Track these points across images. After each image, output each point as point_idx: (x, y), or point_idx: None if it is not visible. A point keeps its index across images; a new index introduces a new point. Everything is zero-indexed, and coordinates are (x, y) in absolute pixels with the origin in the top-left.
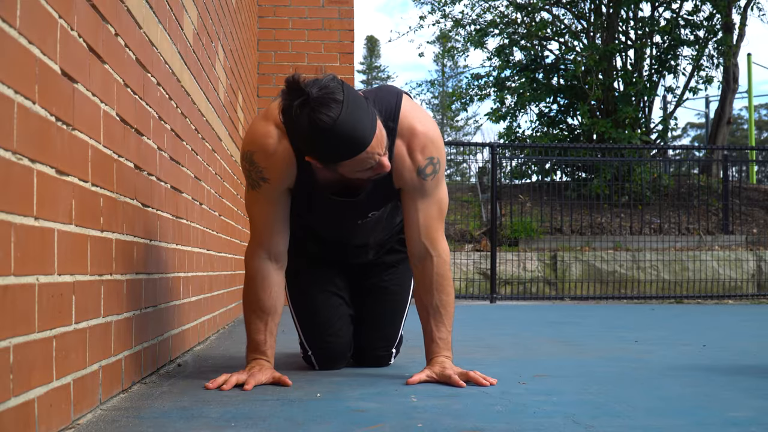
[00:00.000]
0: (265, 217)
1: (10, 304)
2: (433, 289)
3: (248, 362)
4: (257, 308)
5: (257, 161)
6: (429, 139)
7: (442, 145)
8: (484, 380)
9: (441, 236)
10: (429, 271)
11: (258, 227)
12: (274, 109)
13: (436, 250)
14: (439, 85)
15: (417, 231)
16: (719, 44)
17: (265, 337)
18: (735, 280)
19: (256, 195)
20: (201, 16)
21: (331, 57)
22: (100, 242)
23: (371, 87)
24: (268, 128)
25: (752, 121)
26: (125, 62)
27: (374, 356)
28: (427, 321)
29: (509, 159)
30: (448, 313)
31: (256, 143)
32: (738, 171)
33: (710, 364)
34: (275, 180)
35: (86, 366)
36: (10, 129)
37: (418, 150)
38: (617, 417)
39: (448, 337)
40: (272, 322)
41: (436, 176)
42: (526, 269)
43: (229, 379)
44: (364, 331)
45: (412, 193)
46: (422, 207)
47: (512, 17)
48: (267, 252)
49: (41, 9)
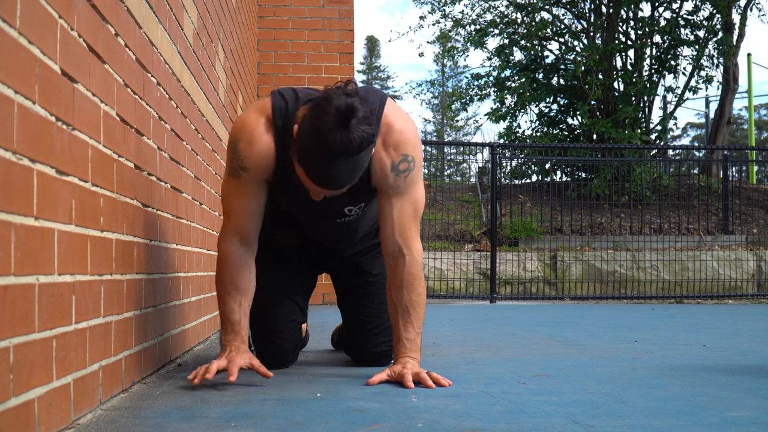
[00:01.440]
0: (241, 206)
1: (10, 304)
2: (404, 288)
3: (223, 345)
4: (232, 289)
5: (241, 149)
6: (404, 136)
7: (418, 146)
8: (432, 382)
9: (414, 235)
10: (400, 269)
11: (233, 215)
12: (266, 102)
13: (408, 249)
14: (439, 85)
15: (391, 229)
16: (719, 44)
17: (239, 317)
18: (735, 280)
19: (236, 184)
20: (201, 16)
21: (331, 57)
22: (100, 242)
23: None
24: (258, 119)
25: (752, 121)
26: (125, 62)
27: (376, 353)
28: (395, 320)
29: (509, 159)
30: (417, 313)
31: (244, 132)
32: (738, 171)
33: (710, 364)
34: (255, 170)
35: (86, 366)
36: (10, 129)
37: (393, 146)
38: (617, 417)
39: (416, 338)
40: (246, 303)
41: (411, 174)
42: (526, 269)
43: (210, 367)
44: (361, 327)
45: (387, 191)
46: (397, 205)
47: (512, 17)
48: (240, 237)
49: (41, 9)
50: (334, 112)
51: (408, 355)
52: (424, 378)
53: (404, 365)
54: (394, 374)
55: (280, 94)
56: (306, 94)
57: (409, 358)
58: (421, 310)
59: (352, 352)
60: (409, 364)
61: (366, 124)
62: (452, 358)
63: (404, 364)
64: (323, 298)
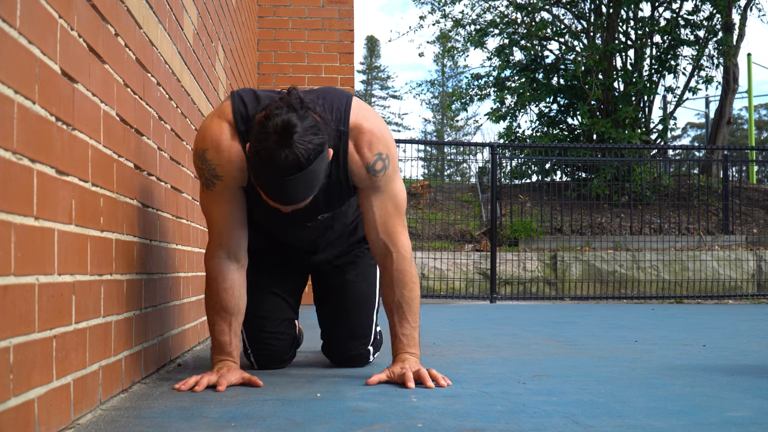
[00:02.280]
0: (222, 216)
1: (10, 304)
2: (394, 286)
3: (214, 363)
4: (220, 309)
5: (210, 159)
6: (375, 135)
7: (390, 142)
8: (432, 381)
9: (400, 232)
10: (389, 267)
11: (216, 227)
12: (226, 107)
13: (395, 246)
14: (439, 85)
15: (375, 228)
16: (719, 44)
17: (230, 338)
18: (735, 280)
19: (212, 194)
20: (201, 16)
21: (331, 57)
22: (100, 242)
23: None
24: (221, 126)
25: (752, 121)
26: (125, 62)
27: (349, 355)
28: (391, 318)
29: (509, 159)
30: (411, 309)
31: (209, 140)
32: (738, 171)
33: (710, 364)
34: (228, 177)
35: (86, 366)
36: (10, 129)
37: (365, 146)
38: (617, 417)
39: (413, 333)
40: (236, 323)
41: (387, 172)
42: (526, 269)
43: (200, 381)
44: (334, 330)
45: (366, 191)
46: (377, 204)
47: (512, 17)
48: (227, 252)
49: (41, 9)
50: (273, 130)
51: (406, 351)
52: (424, 377)
53: (403, 364)
54: (393, 375)
55: (240, 97)
56: (267, 96)
57: (408, 354)
58: (415, 305)
59: (330, 356)
60: (408, 362)
61: (311, 134)
62: (452, 358)
63: (403, 363)
64: None
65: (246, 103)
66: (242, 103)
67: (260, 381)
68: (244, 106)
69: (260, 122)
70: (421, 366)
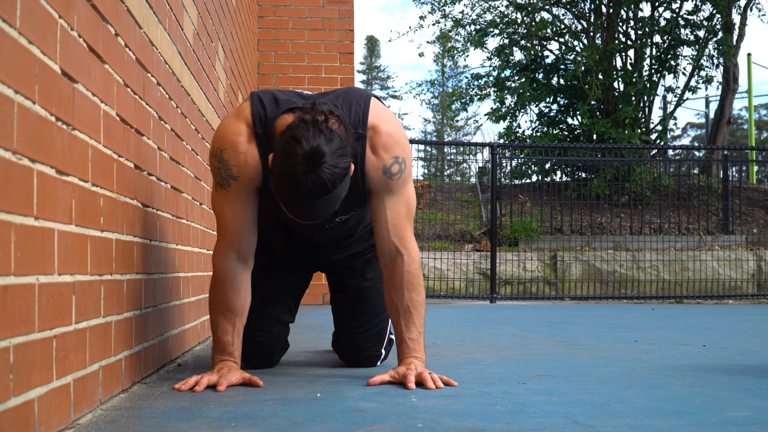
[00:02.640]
0: (235, 216)
1: (10, 304)
2: (404, 288)
3: (215, 363)
4: (225, 309)
5: (227, 159)
6: (392, 138)
7: (407, 145)
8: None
9: (410, 235)
10: (399, 269)
11: (227, 227)
12: (245, 108)
13: (405, 248)
14: (439, 85)
15: (386, 230)
16: (719, 44)
17: (232, 339)
18: (735, 280)
19: (226, 194)
20: (201, 16)
21: (331, 57)
22: (100, 242)
23: (340, 89)
24: (239, 126)
25: (752, 121)
26: (125, 62)
27: (363, 356)
28: (397, 321)
29: (509, 159)
30: (418, 312)
31: (227, 140)
32: (738, 171)
33: (710, 364)
34: (244, 179)
35: (86, 366)
36: (10, 129)
37: (382, 148)
38: (617, 417)
39: (419, 338)
40: (240, 323)
41: (402, 175)
42: (526, 269)
43: (200, 381)
44: (351, 330)
45: (380, 193)
46: (390, 206)
47: (512, 17)
48: (236, 252)
49: (41, 9)
50: (302, 157)
51: (412, 355)
52: (425, 378)
53: (408, 366)
54: (398, 376)
55: (260, 100)
56: (287, 100)
57: (414, 358)
58: (422, 309)
59: (342, 354)
60: (413, 365)
61: (338, 157)
62: (452, 358)
63: (408, 365)
64: (323, 298)
65: (265, 105)
66: (261, 106)
67: (260, 381)
68: (263, 108)
69: (287, 142)
70: (425, 369)
